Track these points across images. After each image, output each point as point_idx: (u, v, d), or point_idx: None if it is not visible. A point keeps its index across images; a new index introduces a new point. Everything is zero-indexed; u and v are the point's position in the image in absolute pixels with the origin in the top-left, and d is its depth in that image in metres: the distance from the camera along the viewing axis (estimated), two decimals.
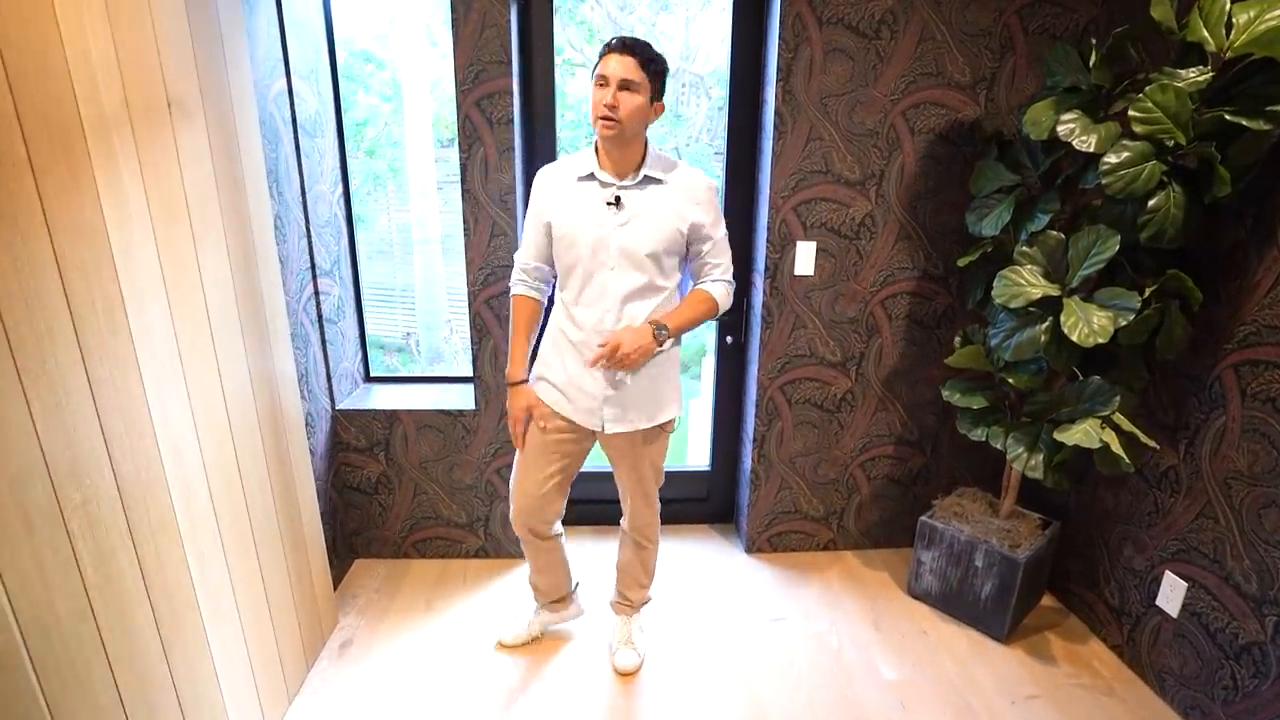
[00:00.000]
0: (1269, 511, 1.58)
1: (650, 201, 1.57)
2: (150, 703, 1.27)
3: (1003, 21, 2.03)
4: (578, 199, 1.58)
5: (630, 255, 1.57)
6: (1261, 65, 1.39)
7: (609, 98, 1.47)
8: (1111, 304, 1.65)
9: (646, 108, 1.51)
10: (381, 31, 4.86)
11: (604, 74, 1.48)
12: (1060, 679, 1.98)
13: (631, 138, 1.53)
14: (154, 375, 1.27)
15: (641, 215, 1.56)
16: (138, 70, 1.23)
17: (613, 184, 1.57)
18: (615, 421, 1.68)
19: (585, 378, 1.65)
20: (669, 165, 1.62)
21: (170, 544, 1.33)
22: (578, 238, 1.57)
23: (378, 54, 4.97)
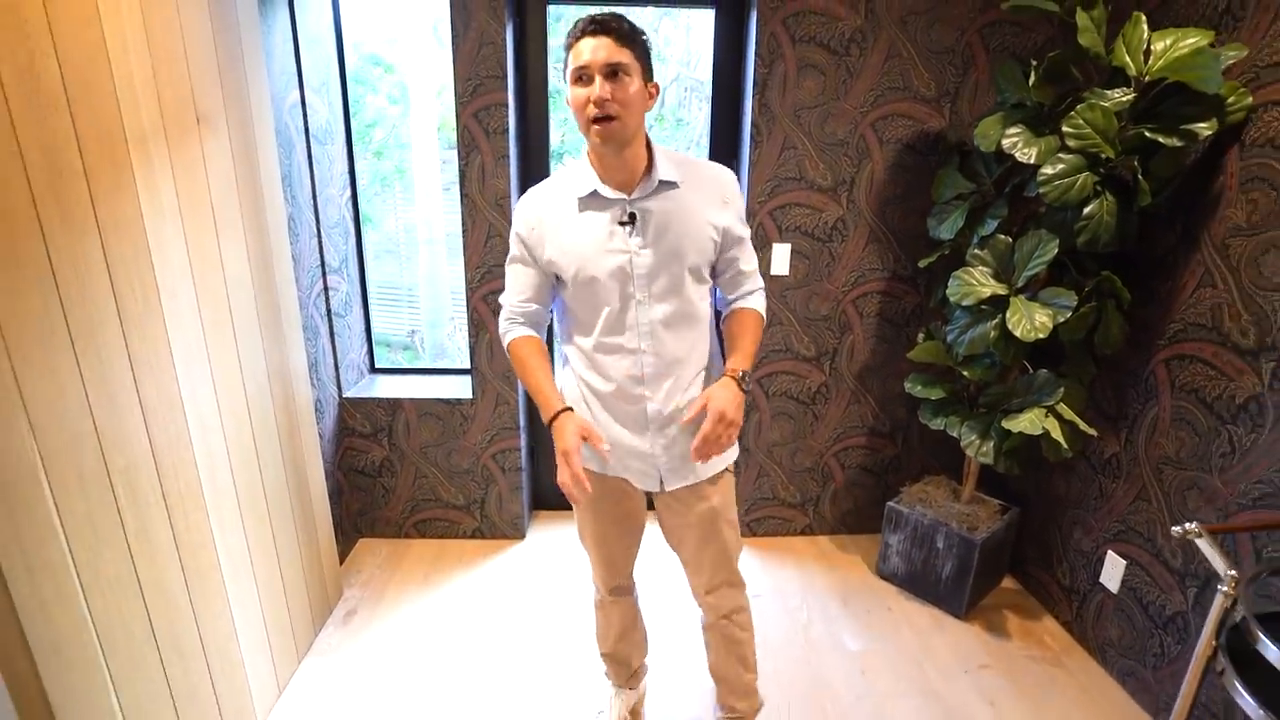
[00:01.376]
0: (1191, 492, 1.73)
1: (671, 210, 1.28)
2: (180, 648, 1.44)
3: (965, 40, 2.19)
4: (583, 227, 1.28)
5: (660, 280, 1.30)
6: (1176, 88, 1.54)
7: (596, 91, 1.17)
8: (1053, 302, 1.80)
9: (643, 93, 1.22)
10: (390, 35, 5.03)
11: (581, 65, 1.18)
12: (1012, 651, 2.12)
13: (632, 135, 1.23)
14: (183, 357, 1.44)
15: (665, 229, 1.28)
16: (172, 89, 1.39)
17: (621, 199, 1.27)
18: (675, 475, 1.41)
19: (627, 434, 1.38)
20: (680, 162, 1.33)
21: (196, 510, 1.49)
22: (597, 273, 1.28)
23: (386, 57, 5.15)
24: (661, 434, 1.38)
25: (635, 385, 1.34)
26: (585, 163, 1.31)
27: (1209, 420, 1.68)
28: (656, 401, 1.35)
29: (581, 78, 1.19)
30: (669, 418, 1.37)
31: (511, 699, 1.89)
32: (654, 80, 1.25)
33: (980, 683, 1.99)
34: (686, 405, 1.35)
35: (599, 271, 1.28)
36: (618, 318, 1.31)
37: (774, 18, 2.12)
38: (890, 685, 1.97)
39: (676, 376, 1.36)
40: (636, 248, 1.28)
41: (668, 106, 5.57)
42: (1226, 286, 1.63)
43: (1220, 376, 1.65)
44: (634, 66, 1.19)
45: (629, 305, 1.30)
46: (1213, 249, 1.66)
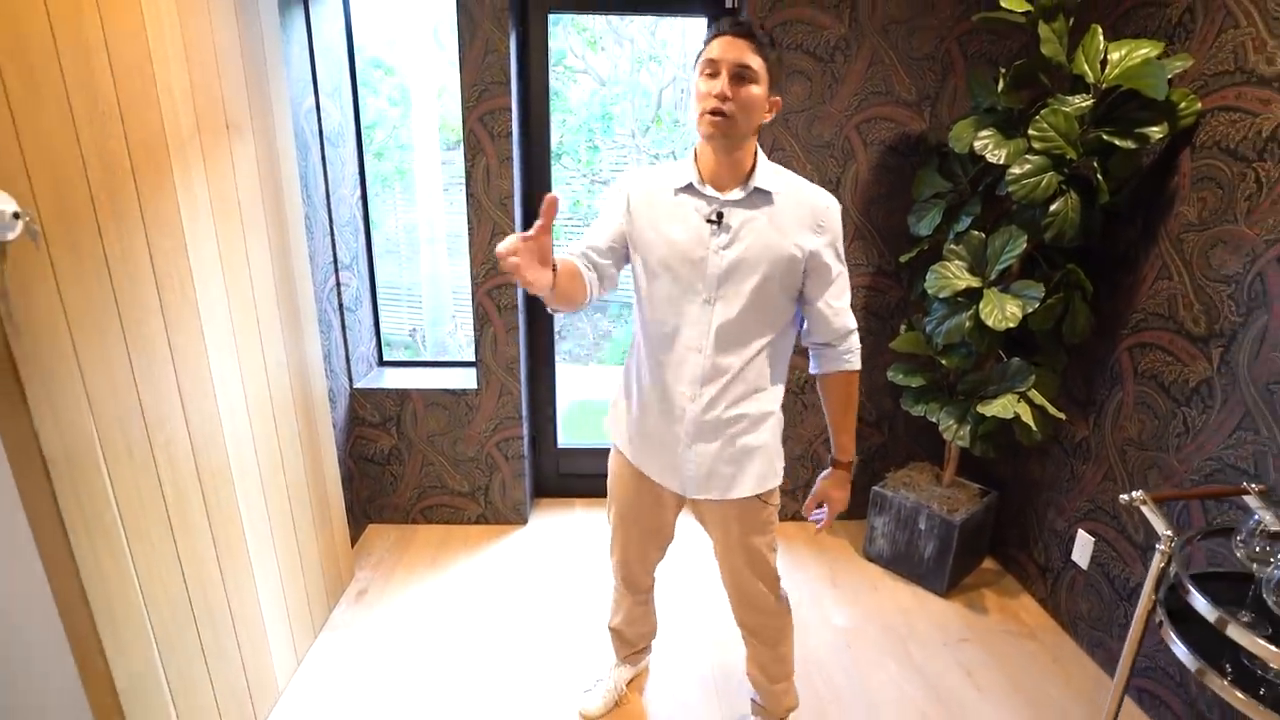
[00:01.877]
0: (1151, 471, 1.85)
1: (760, 220, 1.29)
2: (211, 614, 1.55)
3: (943, 47, 2.31)
4: (673, 214, 1.31)
5: (731, 285, 1.30)
6: (1130, 95, 1.66)
7: (720, 87, 1.20)
8: (1023, 294, 1.92)
9: (764, 102, 1.24)
10: (391, 38, 5.16)
11: (714, 59, 1.21)
12: (990, 626, 2.25)
13: (742, 139, 1.25)
14: (214, 345, 1.56)
15: (748, 236, 1.28)
16: (206, 99, 1.51)
17: (715, 197, 1.29)
18: (699, 486, 1.41)
19: (662, 429, 1.40)
20: (783, 177, 1.33)
21: (225, 486, 1.61)
22: (670, 260, 1.30)
23: (387, 60, 5.27)
24: (694, 440, 1.37)
25: (680, 383, 1.35)
26: (690, 159, 1.33)
27: (1166, 403, 1.80)
28: (698, 404, 1.35)
29: (711, 72, 1.22)
30: (706, 424, 1.36)
31: (514, 673, 2.01)
32: (778, 95, 1.28)
33: (959, 655, 2.11)
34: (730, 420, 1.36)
35: (676, 262, 1.30)
36: (683, 312, 1.32)
37: (763, 26, 2.24)
38: (874, 658, 2.09)
39: (725, 387, 1.34)
40: (716, 247, 1.29)
41: (664, 108, 5.71)
42: (1181, 278, 1.75)
43: (1176, 362, 1.77)
44: (762, 75, 1.22)
45: (695, 302, 1.31)
46: (1169, 244, 1.79)
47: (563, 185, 5.61)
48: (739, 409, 1.36)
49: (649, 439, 1.42)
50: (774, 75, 1.25)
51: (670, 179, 1.33)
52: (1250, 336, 1.56)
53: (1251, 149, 1.55)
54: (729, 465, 1.39)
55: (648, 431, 1.42)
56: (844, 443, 1.46)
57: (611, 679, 1.90)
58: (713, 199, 1.29)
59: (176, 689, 1.43)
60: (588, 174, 5.68)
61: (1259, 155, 1.54)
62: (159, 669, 1.38)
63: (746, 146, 1.28)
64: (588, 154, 5.67)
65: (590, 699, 1.87)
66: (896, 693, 1.95)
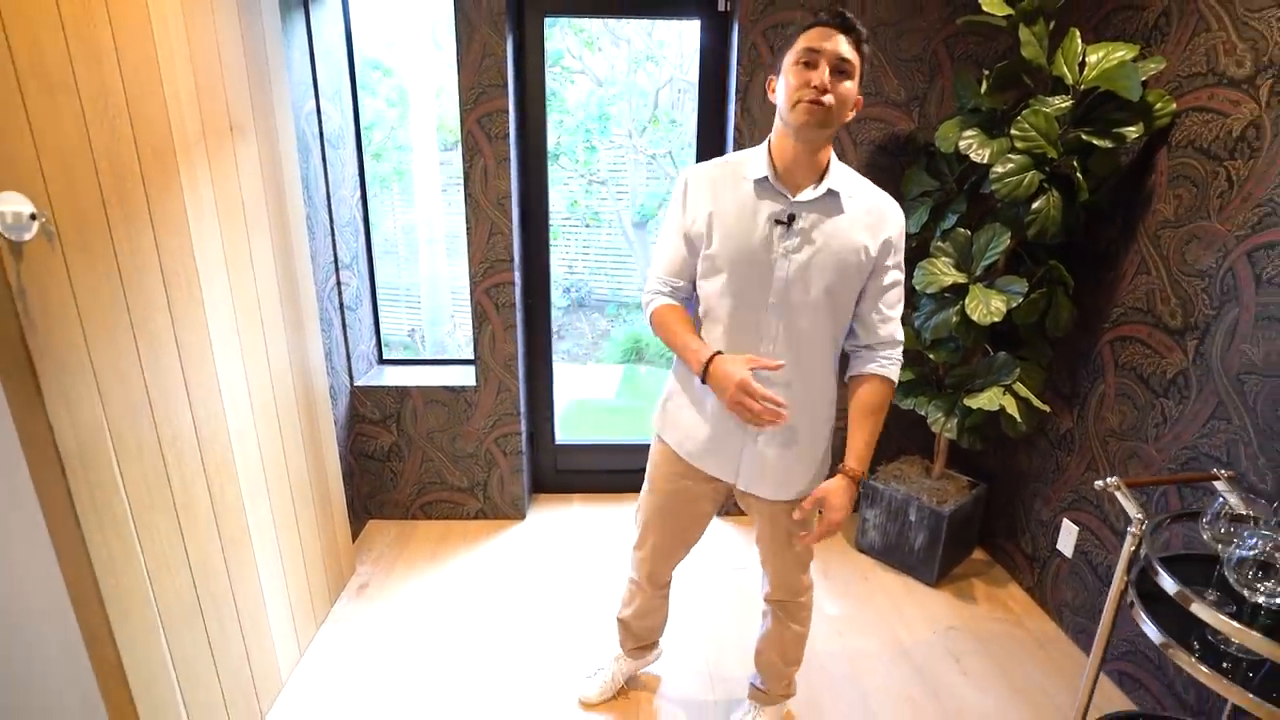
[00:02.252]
0: (1132, 461, 1.90)
1: (830, 223, 1.26)
2: (217, 606, 1.60)
3: (931, 49, 2.36)
4: (741, 211, 1.29)
5: (799, 289, 1.27)
6: (1108, 96, 1.72)
7: (821, 78, 1.16)
8: (1007, 289, 1.97)
9: (853, 99, 1.22)
10: (390, 39, 5.20)
11: (815, 48, 1.17)
12: (978, 614, 2.30)
13: (830, 134, 1.24)
14: (219, 342, 1.60)
15: (818, 239, 1.25)
16: (210, 102, 1.56)
17: (787, 197, 1.26)
18: (752, 481, 1.43)
19: (722, 425, 1.40)
20: (853, 179, 1.30)
21: (229, 481, 1.66)
22: (736, 260, 1.28)
23: (385, 61, 5.32)
24: (756, 440, 1.38)
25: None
26: (762, 151, 1.30)
27: (1145, 395, 1.85)
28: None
29: (809, 62, 1.18)
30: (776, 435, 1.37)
31: (512, 665, 2.06)
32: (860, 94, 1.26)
33: (947, 642, 2.16)
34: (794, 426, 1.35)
35: (742, 262, 1.28)
36: (748, 314, 1.30)
37: (754, 29, 2.29)
38: (864, 645, 2.14)
39: (790, 391, 1.32)
40: (786, 250, 1.26)
41: (661, 108, 5.75)
42: (1158, 273, 1.80)
43: (1154, 354, 1.82)
44: (857, 71, 1.21)
45: (755, 308, 1.29)
46: (1147, 240, 1.84)
47: (560, 185, 5.65)
48: (803, 415, 1.36)
49: (712, 436, 1.41)
50: (862, 75, 1.24)
51: (741, 169, 1.31)
52: (1223, 329, 1.61)
53: (1223, 148, 1.60)
54: (787, 467, 1.40)
55: (711, 428, 1.40)
56: (860, 450, 1.35)
57: (611, 670, 1.92)
58: (785, 198, 1.26)
59: (184, 680, 1.48)
60: (585, 174, 5.73)
61: (1230, 154, 1.59)
62: (168, 660, 1.43)
63: (828, 145, 1.27)
64: (585, 154, 5.72)
65: (589, 685, 1.90)
66: (885, 679, 2.00)
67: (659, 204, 5.73)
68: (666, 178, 5.71)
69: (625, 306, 6.00)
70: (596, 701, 1.89)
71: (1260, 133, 1.52)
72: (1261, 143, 1.51)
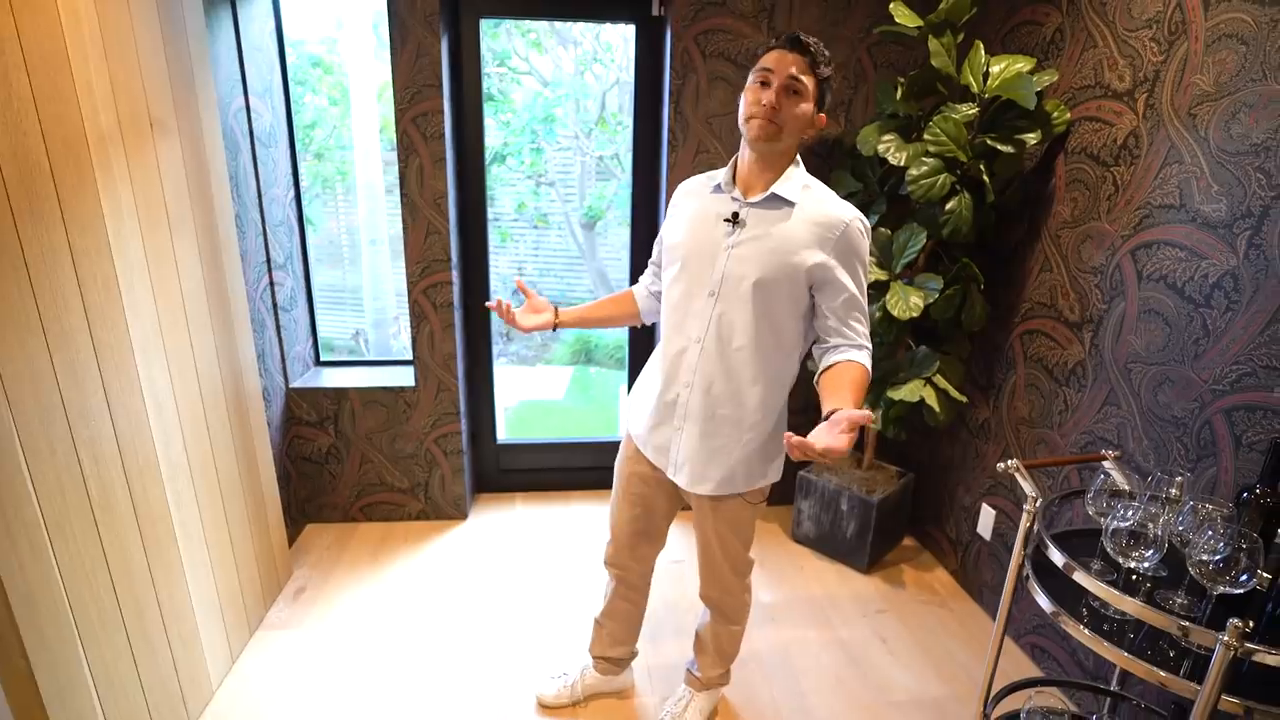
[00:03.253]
0: (1040, 447, 2.03)
1: (772, 225, 1.33)
2: (140, 611, 1.57)
3: (855, 56, 2.46)
4: (700, 211, 1.41)
5: (735, 285, 1.35)
6: (1009, 104, 1.83)
7: (770, 97, 1.26)
8: (925, 286, 2.08)
9: (808, 119, 1.31)
10: (330, 35, 5.10)
11: (769, 68, 1.27)
12: (906, 598, 2.41)
13: (783, 150, 1.33)
14: (141, 343, 1.57)
15: (757, 238, 1.33)
16: (127, 96, 1.53)
17: (739, 198, 1.37)
18: (676, 470, 1.48)
19: (661, 414, 1.48)
20: (811, 190, 1.35)
21: (153, 483, 1.62)
22: (687, 253, 1.40)
23: (325, 58, 5.21)
24: (684, 425, 1.44)
25: (680, 370, 1.43)
26: (732, 162, 1.42)
27: (1050, 384, 1.98)
28: (692, 393, 1.42)
29: (764, 81, 1.28)
30: (693, 414, 1.42)
31: (454, 668, 2.06)
32: (824, 113, 1.34)
33: (876, 624, 2.26)
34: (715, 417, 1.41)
35: (691, 255, 1.39)
36: (691, 304, 1.40)
37: (686, 34, 2.35)
38: (798, 630, 2.22)
39: (716, 382, 1.39)
40: (727, 246, 1.35)
41: (609, 109, 5.79)
42: (1059, 270, 1.93)
43: (1057, 346, 1.95)
44: (811, 93, 1.29)
45: (701, 296, 1.38)
46: (1049, 239, 1.97)
47: (508, 188, 5.63)
48: (725, 408, 1.41)
49: (653, 425, 1.49)
50: (821, 95, 1.32)
51: (715, 178, 1.42)
52: (1113, 321, 1.73)
53: (1110, 155, 1.73)
54: (704, 459, 1.44)
55: (654, 417, 1.49)
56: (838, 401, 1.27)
57: (574, 679, 1.90)
58: (738, 200, 1.36)
59: (103, 689, 1.44)
60: (533, 175, 5.73)
61: (1115, 160, 1.72)
62: (85, 668, 1.39)
63: (784, 157, 1.34)
64: (532, 156, 5.72)
65: (548, 685, 1.89)
66: (816, 661, 2.08)
67: (607, 205, 5.77)
68: (614, 179, 5.76)
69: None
70: (551, 704, 1.87)
71: (1139, 141, 1.65)
72: (1140, 151, 1.64)
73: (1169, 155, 1.58)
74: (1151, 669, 1.11)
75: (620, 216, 5.70)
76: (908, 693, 1.97)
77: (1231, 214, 1.43)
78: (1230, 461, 1.44)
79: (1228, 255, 1.44)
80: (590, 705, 1.90)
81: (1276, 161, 1.35)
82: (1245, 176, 1.41)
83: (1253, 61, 1.39)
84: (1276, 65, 1.35)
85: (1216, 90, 1.47)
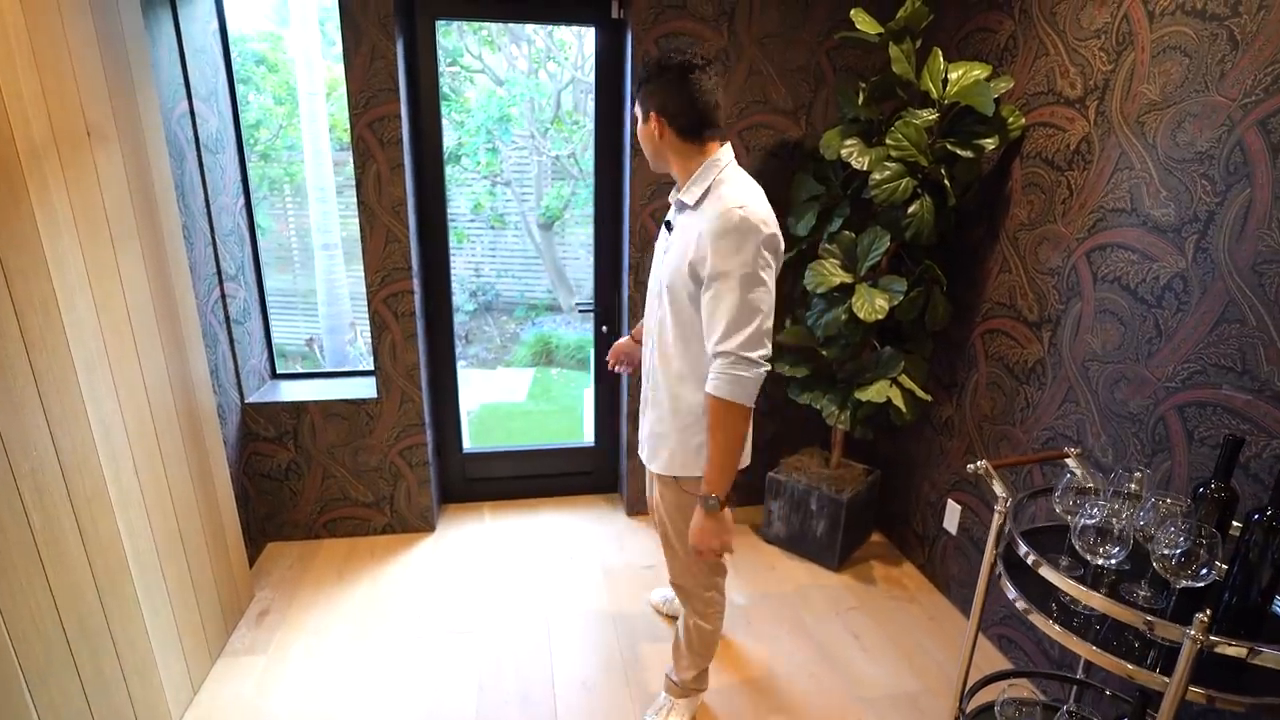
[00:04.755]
0: (1003, 443, 2.08)
1: (683, 230, 1.41)
2: (92, 646, 1.48)
3: (815, 60, 2.49)
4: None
5: (657, 287, 1.48)
6: (968, 110, 1.87)
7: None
8: (889, 288, 2.11)
9: (647, 131, 1.43)
10: (272, 33, 4.92)
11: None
12: (877, 594, 2.45)
13: (658, 165, 1.48)
14: (84, 364, 1.48)
15: (674, 244, 1.43)
16: (61, 104, 1.44)
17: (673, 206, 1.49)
18: (642, 449, 1.65)
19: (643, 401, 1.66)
20: (713, 192, 1.38)
21: (103, 512, 1.54)
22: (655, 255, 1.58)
23: (270, 56, 5.02)
24: (646, 410, 1.62)
25: (646, 363, 1.61)
26: None
27: (1011, 382, 2.03)
28: (648, 384, 1.60)
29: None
30: (649, 401, 1.59)
31: (431, 689, 2.02)
32: (649, 121, 1.42)
33: (848, 622, 2.30)
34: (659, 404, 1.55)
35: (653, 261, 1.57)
36: (649, 303, 1.58)
37: (646, 36, 2.34)
38: (772, 630, 2.24)
39: (656, 373, 1.54)
40: (661, 251, 1.51)
41: (563, 109, 5.74)
42: (1017, 271, 1.99)
43: (1017, 345, 2.00)
44: (639, 114, 1.45)
45: (653, 297, 1.53)
46: (1007, 241, 2.02)
47: (464, 188, 5.54)
48: (658, 395, 1.55)
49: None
50: (645, 107, 1.42)
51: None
52: (1070, 320, 1.79)
53: (1063, 160, 1.79)
54: (650, 435, 1.60)
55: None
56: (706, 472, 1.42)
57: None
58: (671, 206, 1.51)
59: None
60: (489, 176, 5.64)
61: (1069, 165, 1.77)
62: (31, 711, 1.31)
63: (680, 170, 1.45)
64: (487, 156, 5.63)
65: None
66: (789, 659, 2.10)
67: (564, 205, 5.72)
68: (571, 179, 5.71)
69: (534, 309, 5.95)
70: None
71: (1091, 147, 1.70)
72: (1093, 156, 1.70)
73: (1120, 161, 1.63)
74: (1119, 662, 1.14)
75: (577, 216, 5.66)
76: (882, 688, 2.00)
77: (1180, 218, 1.49)
78: (1184, 456, 1.50)
79: (1177, 258, 1.50)
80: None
81: (1220, 169, 1.40)
82: (1191, 183, 1.46)
83: (1195, 73, 1.45)
84: (1218, 77, 1.40)
85: (1163, 99, 1.52)
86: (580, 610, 2.31)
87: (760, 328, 1.33)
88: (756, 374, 1.33)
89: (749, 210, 1.31)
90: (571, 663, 2.08)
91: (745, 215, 1.30)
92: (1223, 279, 1.40)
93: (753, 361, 1.32)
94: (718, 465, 1.39)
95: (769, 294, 1.34)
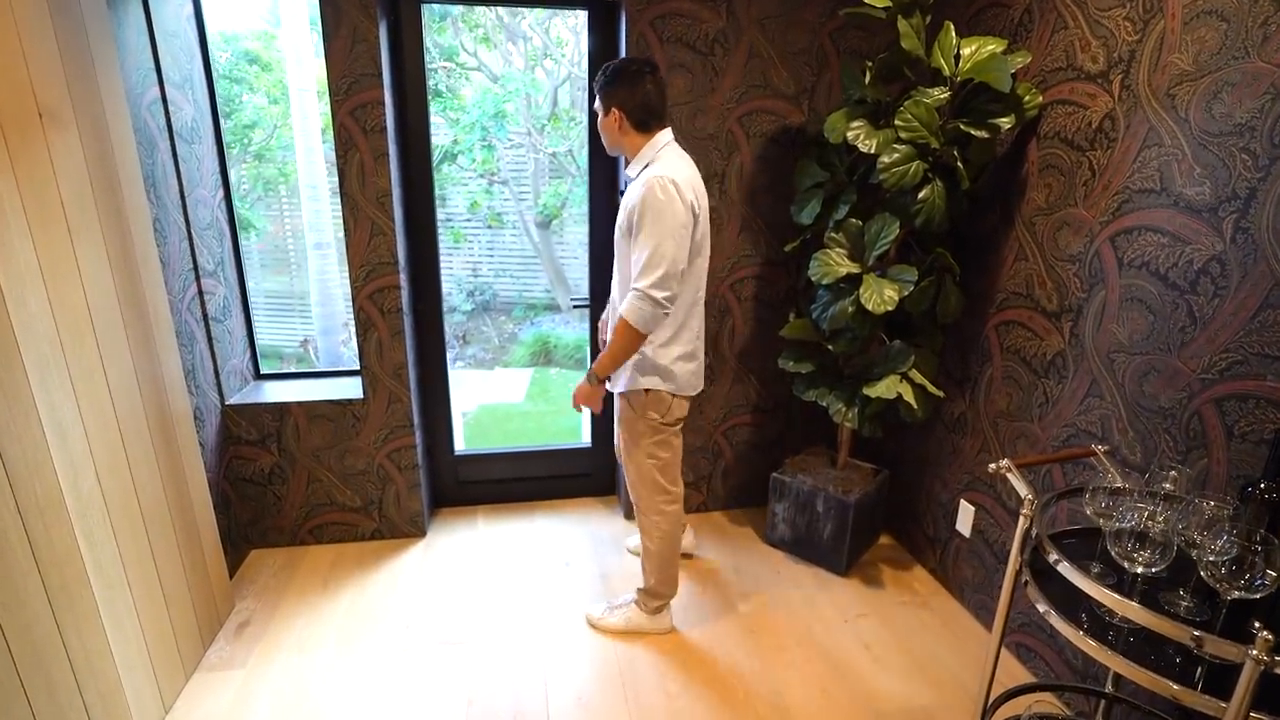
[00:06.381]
0: (1020, 441, 1.97)
1: (627, 196, 1.74)
2: (46, 672, 1.38)
3: (817, 42, 2.38)
4: None
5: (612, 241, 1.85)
6: (982, 88, 1.76)
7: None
8: (899, 278, 2.00)
9: (607, 124, 1.76)
10: (267, 31, 4.82)
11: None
12: (887, 599, 2.34)
13: (617, 149, 1.81)
14: (36, 363, 1.38)
15: (621, 209, 1.76)
16: (7, 83, 1.33)
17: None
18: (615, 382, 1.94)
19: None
20: (649, 166, 1.72)
21: (58, 521, 1.43)
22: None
23: (263, 55, 4.92)
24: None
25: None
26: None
27: (1029, 376, 1.92)
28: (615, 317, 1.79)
29: None
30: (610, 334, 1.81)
31: (420, 703, 1.91)
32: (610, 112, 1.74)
33: (858, 630, 2.18)
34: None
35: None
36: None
37: (641, 19, 2.23)
38: (777, 640, 2.13)
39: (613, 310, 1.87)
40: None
41: (560, 106, 5.64)
42: (1035, 259, 1.88)
43: (1034, 337, 1.89)
44: (600, 109, 1.78)
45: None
46: (1023, 227, 1.91)
47: (459, 186, 5.43)
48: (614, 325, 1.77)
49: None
50: (609, 101, 1.74)
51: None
52: (1093, 310, 1.68)
53: (1085, 139, 1.68)
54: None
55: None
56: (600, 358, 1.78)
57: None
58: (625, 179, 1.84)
59: None
60: (484, 174, 5.53)
61: (1091, 145, 1.66)
62: None
63: (628, 150, 1.78)
64: (483, 153, 5.52)
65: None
66: (799, 672, 1.99)
67: (562, 203, 5.62)
68: (568, 176, 5.61)
69: (533, 308, 5.85)
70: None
71: (1115, 124, 1.59)
72: (1117, 134, 1.59)
73: (1148, 138, 1.52)
74: (1165, 682, 1.03)
75: (576, 214, 5.55)
76: (896, 701, 1.89)
77: (1216, 197, 1.38)
78: (1223, 454, 1.39)
79: (1214, 239, 1.39)
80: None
81: (1263, 141, 1.29)
82: (1229, 158, 1.35)
83: (1233, 38, 1.34)
84: (1260, 40, 1.30)
85: (1196, 69, 1.41)
86: (576, 620, 2.20)
87: (666, 273, 1.63)
88: (654, 309, 1.65)
89: (667, 179, 1.63)
90: (566, 676, 1.97)
91: (664, 184, 1.63)
92: (1266, 261, 1.29)
93: (655, 301, 1.64)
94: (608, 357, 1.75)
95: (677, 248, 1.64)
